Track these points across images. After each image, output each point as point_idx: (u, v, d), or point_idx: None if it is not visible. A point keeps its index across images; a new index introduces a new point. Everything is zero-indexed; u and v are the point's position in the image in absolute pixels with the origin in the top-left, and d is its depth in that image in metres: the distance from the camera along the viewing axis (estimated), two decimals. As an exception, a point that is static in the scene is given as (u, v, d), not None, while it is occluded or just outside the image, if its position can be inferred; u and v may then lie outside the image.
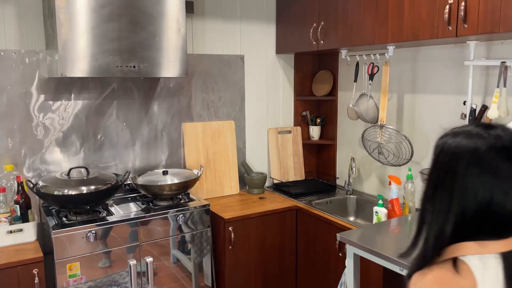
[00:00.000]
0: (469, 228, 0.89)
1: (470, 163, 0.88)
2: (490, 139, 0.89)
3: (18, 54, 2.38)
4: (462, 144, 0.90)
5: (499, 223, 0.88)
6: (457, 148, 0.91)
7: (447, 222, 0.90)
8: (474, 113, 2.23)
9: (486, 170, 0.87)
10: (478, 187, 0.87)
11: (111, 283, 2.26)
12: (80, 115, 2.58)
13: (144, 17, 2.31)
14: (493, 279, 0.86)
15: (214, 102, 3.01)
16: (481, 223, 0.88)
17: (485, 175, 0.87)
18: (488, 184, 0.87)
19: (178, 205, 2.50)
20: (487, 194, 0.87)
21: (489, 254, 0.88)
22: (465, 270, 0.86)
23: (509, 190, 0.85)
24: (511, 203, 0.86)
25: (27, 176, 2.46)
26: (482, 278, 0.85)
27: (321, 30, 2.74)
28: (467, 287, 0.85)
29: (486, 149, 0.88)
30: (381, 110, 2.61)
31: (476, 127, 0.94)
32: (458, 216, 0.89)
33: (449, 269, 0.87)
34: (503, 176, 0.86)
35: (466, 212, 0.88)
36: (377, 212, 2.37)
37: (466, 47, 2.32)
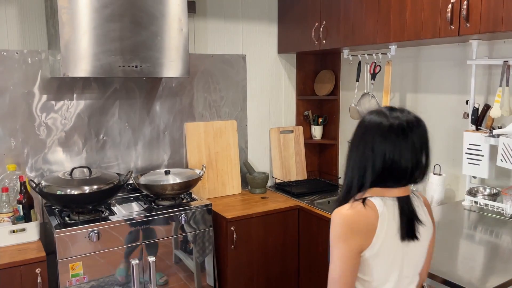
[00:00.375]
0: (376, 178, 1.22)
1: (376, 134, 1.22)
2: (391, 118, 1.23)
3: (21, 54, 2.38)
4: (372, 120, 1.25)
5: (397, 176, 1.22)
6: (369, 123, 1.25)
7: (361, 174, 1.24)
8: (476, 112, 2.23)
9: (387, 139, 1.21)
10: (383, 150, 1.21)
11: (113, 283, 2.27)
12: (83, 115, 2.58)
13: (146, 17, 2.31)
14: (390, 214, 1.22)
15: (216, 102, 3.01)
16: (385, 175, 1.22)
17: (386, 142, 1.21)
18: (389, 148, 1.20)
19: (180, 205, 2.50)
20: (389, 155, 1.20)
21: (389, 197, 1.24)
22: (371, 206, 1.21)
23: (402, 153, 1.20)
24: (404, 161, 1.20)
25: (30, 176, 2.46)
26: (382, 211, 1.20)
27: (323, 30, 2.74)
28: (371, 216, 1.20)
29: (387, 124, 1.22)
30: (383, 109, 2.60)
31: (385, 108, 1.27)
32: (369, 170, 1.23)
33: (360, 204, 1.22)
34: (398, 143, 1.20)
35: (375, 167, 1.22)
36: (379, 211, 2.36)
37: (468, 46, 2.31)
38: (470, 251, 1.72)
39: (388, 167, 1.21)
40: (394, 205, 1.23)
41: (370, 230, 1.19)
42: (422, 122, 1.28)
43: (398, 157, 1.20)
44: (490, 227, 1.94)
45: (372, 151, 1.22)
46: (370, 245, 1.19)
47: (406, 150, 1.21)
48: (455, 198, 2.48)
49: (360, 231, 1.19)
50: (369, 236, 1.19)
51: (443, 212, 2.19)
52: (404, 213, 1.23)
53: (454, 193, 2.48)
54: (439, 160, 2.53)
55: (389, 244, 1.21)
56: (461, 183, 2.44)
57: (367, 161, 1.23)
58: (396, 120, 1.23)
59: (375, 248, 1.20)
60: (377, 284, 1.24)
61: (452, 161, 2.47)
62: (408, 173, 1.22)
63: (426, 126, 1.28)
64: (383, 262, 1.22)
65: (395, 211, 1.23)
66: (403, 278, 1.26)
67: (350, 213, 1.21)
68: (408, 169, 1.21)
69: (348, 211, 1.21)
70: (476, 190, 2.24)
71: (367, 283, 1.24)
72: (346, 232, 1.19)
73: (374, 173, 1.22)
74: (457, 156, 2.43)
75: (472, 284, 1.41)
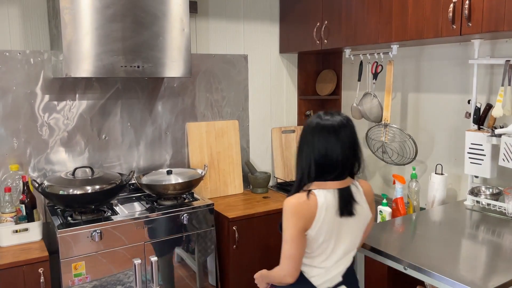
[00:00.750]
0: (317, 172, 1.49)
1: (312, 134, 1.50)
2: (323, 120, 1.51)
3: (23, 55, 2.39)
4: (311, 122, 1.53)
5: (330, 168, 1.49)
6: (308, 126, 1.53)
7: (307, 170, 1.51)
8: (478, 112, 2.23)
9: (320, 137, 1.48)
10: (317, 147, 1.48)
11: (116, 282, 2.27)
12: (85, 115, 2.59)
13: (148, 17, 2.31)
14: (329, 201, 1.48)
15: (218, 102, 3.01)
16: (322, 169, 1.49)
17: (320, 140, 1.48)
18: (322, 145, 1.48)
19: (182, 205, 2.50)
20: (322, 150, 1.48)
21: (329, 189, 1.50)
22: (312, 197, 1.48)
23: (332, 149, 1.47)
24: (335, 155, 1.47)
25: (33, 176, 2.47)
26: (321, 201, 1.47)
27: (324, 29, 2.74)
28: (312, 205, 1.47)
29: (320, 126, 1.50)
30: (385, 109, 2.61)
31: (321, 113, 1.55)
32: (311, 165, 1.49)
33: (304, 195, 1.49)
34: (328, 141, 1.47)
35: (315, 162, 1.49)
36: (381, 211, 2.37)
37: (470, 45, 2.31)
38: (473, 250, 1.72)
39: (323, 161, 1.48)
40: (335, 194, 1.50)
41: (310, 216, 1.47)
42: (351, 122, 1.54)
43: (330, 152, 1.48)
44: (492, 227, 1.94)
45: (311, 148, 1.50)
46: (311, 227, 1.48)
47: (336, 146, 1.48)
48: (457, 197, 2.47)
49: (303, 216, 1.47)
50: (310, 220, 1.47)
51: (445, 212, 2.19)
52: (343, 197, 1.51)
53: (456, 192, 2.48)
54: (441, 160, 2.53)
55: (327, 224, 1.49)
56: (463, 182, 2.43)
57: (309, 158, 1.50)
58: (327, 121, 1.50)
59: (315, 229, 1.48)
60: (316, 255, 1.53)
61: (454, 160, 2.47)
62: (339, 166, 1.49)
63: (354, 127, 1.54)
64: (321, 239, 1.50)
65: (335, 198, 1.50)
66: (340, 249, 1.54)
67: (295, 202, 1.48)
68: (339, 162, 1.48)
69: (294, 200, 1.49)
70: (478, 190, 2.23)
71: (308, 254, 1.53)
72: (292, 217, 1.47)
73: (315, 167, 1.49)
74: (459, 156, 2.43)
75: (474, 283, 1.41)
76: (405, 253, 1.66)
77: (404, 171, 2.72)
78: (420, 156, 2.60)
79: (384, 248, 1.72)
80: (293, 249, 1.49)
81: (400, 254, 1.65)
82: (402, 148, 2.61)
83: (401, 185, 2.40)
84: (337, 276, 1.57)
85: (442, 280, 1.47)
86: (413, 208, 2.44)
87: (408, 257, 1.62)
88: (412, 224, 2.05)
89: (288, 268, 1.51)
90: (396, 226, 2.02)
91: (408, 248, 1.74)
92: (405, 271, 1.62)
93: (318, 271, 1.55)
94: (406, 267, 1.60)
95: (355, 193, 1.55)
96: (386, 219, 2.33)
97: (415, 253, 1.68)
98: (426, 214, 2.17)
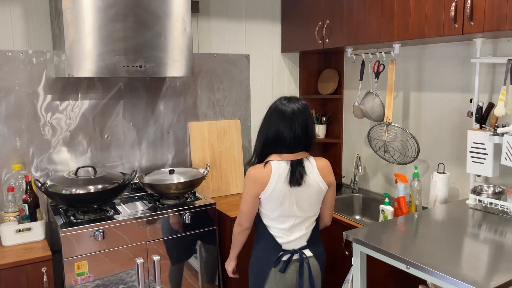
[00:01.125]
0: (272, 146, 1.86)
1: (271, 114, 1.87)
2: (281, 105, 1.85)
3: (26, 55, 2.40)
4: (272, 104, 1.89)
5: (282, 144, 1.84)
6: (270, 106, 1.90)
7: (263, 144, 1.88)
8: (480, 111, 2.23)
9: (276, 118, 1.84)
10: (271, 126, 1.85)
11: (118, 282, 2.28)
12: (87, 114, 2.59)
13: (150, 17, 2.32)
14: (282, 171, 1.83)
15: (219, 101, 3.02)
16: (276, 144, 1.85)
17: (275, 120, 1.84)
18: (276, 125, 1.84)
19: (185, 204, 2.51)
20: (275, 130, 1.84)
21: (282, 160, 1.84)
22: (268, 166, 1.84)
23: (283, 129, 1.83)
24: (286, 133, 1.83)
25: (35, 175, 2.48)
26: (274, 170, 1.82)
27: (326, 29, 2.74)
28: (266, 173, 1.82)
29: (279, 109, 1.85)
30: (387, 108, 2.61)
31: (283, 98, 1.88)
32: (267, 140, 1.87)
33: (262, 165, 1.85)
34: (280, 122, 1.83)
35: (269, 138, 1.86)
36: (383, 210, 2.37)
37: (472, 44, 2.31)
38: (475, 249, 1.72)
39: (274, 138, 1.85)
40: (287, 165, 1.83)
41: (264, 182, 1.83)
42: (306, 110, 1.86)
43: (281, 132, 1.83)
44: (494, 226, 1.94)
45: (267, 127, 1.86)
46: (263, 191, 1.84)
47: (287, 127, 1.83)
48: (459, 196, 2.47)
49: (257, 182, 1.84)
50: (263, 186, 1.83)
51: (447, 211, 2.19)
52: (293, 169, 1.83)
53: (458, 191, 2.48)
54: (443, 159, 2.52)
55: (277, 191, 1.84)
56: (465, 181, 2.43)
57: (264, 134, 1.87)
58: (283, 106, 1.85)
59: (267, 193, 1.84)
60: (268, 213, 1.90)
61: (456, 159, 2.47)
62: (291, 143, 1.84)
63: (309, 113, 1.88)
64: (272, 201, 1.86)
65: (287, 169, 1.83)
66: (297, 214, 1.89)
67: (253, 171, 1.85)
68: (291, 139, 1.83)
69: (252, 170, 1.86)
70: (480, 189, 2.23)
71: (263, 213, 1.92)
72: (250, 182, 1.85)
73: (268, 142, 1.86)
74: (461, 155, 2.43)
75: (476, 282, 1.41)
76: (407, 252, 1.67)
77: (406, 170, 2.72)
78: (422, 155, 2.60)
79: (386, 247, 1.72)
80: (246, 207, 1.89)
81: (402, 253, 1.65)
82: (404, 147, 2.61)
83: (403, 184, 2.40)
84: (301, 240, 1.93)
85: (444, 279, 1.47)
86: (415, 207, 2.44)
87: (410, 256, 1.62)
88: (414, 223, 2.05)
89: (240, 219, 1.93)
90: (398, 225, 2.02)
91: (410, 247, 1.74)
92: (407, 270, 1.62)
93: (280, 232, 1.91)
94: (408, 266, 1.61)
95: (307, 166, 1.87)
96: (388, 218, 2.33)
97: (417, 252, 1.68)
98: (428, 213, 2.17)
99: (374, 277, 2.22)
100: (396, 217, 2.29)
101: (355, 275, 1.91)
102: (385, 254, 1.70)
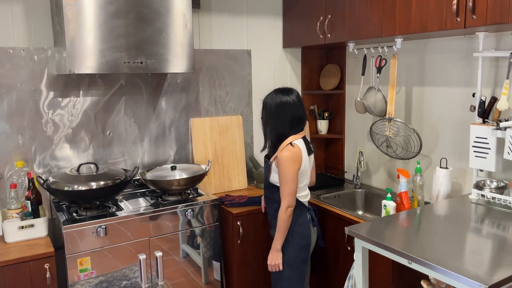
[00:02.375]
0: (288, 129, 2.17)
1: (281, 106, 2.17)
2: (285, 97, 2.18)
3: (27, 52, 2.40)
4: (273, 99, 2.20)
5: (300, 123, 2.20)
6: (270, 102, 2.20)
7: (281, 131, 2.18)
8: (483, 105, 2.21)
9: (290, 107, 2.17)
10: (293, 112, 2.18)
11: (121, 278, 2.29)
12: (89, 111, 2.60)
13: (151, 13, 2.31)
14: (302, 146, 2.17)
15: (221, 97, 3.01)
16: (295, 126, 2.18)
17: (292, 108, 2.18)
18: (296, 110, 2.19)
19: (187, 200, 2.51)
20: (296, 114, 2.18)
21: (299, 139, 2.19)
22: (296, 145, 2.15)
23: (300, 111, 2.21)
24: (303, 115, 2.22)
25: (38, 172, 2.49)
26: (301, 146, 2.16)
27: (328, 24, 2.73)
28: (298, 151, 2.14)
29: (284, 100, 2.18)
30: (389, 103, 2.59)
31: (280, 93, 2.22)
32: (285, 127, 2.17)
33: (290, 146, 2.13)
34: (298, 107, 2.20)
35: (290, 122, 2.17)
36: (386, 205, 2.36)
37: (475, 38, 2.29)
38: (477, 244, 1.71)
39: (292, 121, 2.17)
40: (303, 140, 2.20)
41: (300, 159, 2.14)
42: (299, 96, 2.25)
43: (300, 115, 2.19)
44: (497, 220, 1.93)
45: (284, 115, 2.17)
46: (301, 167, 2.15)
47: (301, 111, 2.21)
48: (462, 191, 2.46)
49: (296, 161, 2.12)
50: (300, 162, 2.14)
51: (450, 206, 2.18)
52: (306, 141, 2.23)
53: (461, 186, 2.47)
54: (445, 154, 2.51)
55: (306, 162, 2.18)
56: (468, 176, 2.42)
57: (284, 121, 2.16)
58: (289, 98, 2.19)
59: (303, 167, 2.16)
60: (302, 185, 2.21)
61: (459, 154, 2.46)
62: (303, 123, 2.22)
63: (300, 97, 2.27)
64: (305, 173, 2.20)
65: (303, 143, 2.19)
66: (308, 179, 2.28)
67: (289, 153, 2.11)
68: (304, 120, 2.22)
69: (287, 152, 2.12)
70: (483, 183, 2.22)
71: (298, 188, 2.18)
72: (291, 163, 2.11)
73: (285, 128, 2.17)
74: (463, 149, 2.42)
75: (479, 277, 1.41)
76: (410, 247, 1.66)
77: (408, 165, 2.71)
78: (424, 150, 2.59)
79: (389, 242, 1.72)
80: (294, 186, 2.12)
81: (404, 248, 1.65)
82: (407, 142, 2.60)
83: (406, 179, 2.39)
84: (307, 202, 2.27)
85: (446, 274, 1.47)
86: (417, 202, 2.43)
87: (413, 251, 1.62)
88: (417, 218, 2.04)
89: (290, 201, 2.12)
90: (400, 220, 2.01)
91: (413, 242, 1.74)
92: (409, 265, 1.62)
93: (305, 197, 2.26)
94: (411, 261, 1.60)
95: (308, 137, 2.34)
96: (391, 213, 2.33)
97: (420, 247, 1.68)
98: (430, 208, 2.16)
99: (376, 272, 2.22)
100: (398, 212, 2.28)
101: (357, 270, 1.91)
102: (387, 249, 1.70)
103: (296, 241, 2.20)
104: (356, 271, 1.92)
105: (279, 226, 2.14)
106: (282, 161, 2.11)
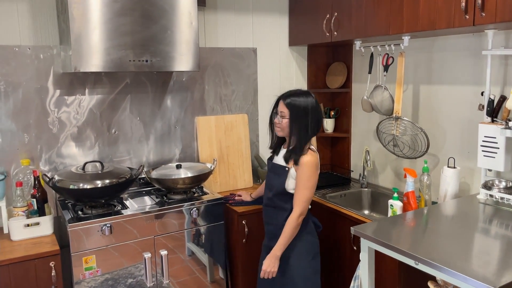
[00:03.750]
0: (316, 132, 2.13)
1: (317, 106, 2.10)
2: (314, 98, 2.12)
3: (33, 50, 2.40)
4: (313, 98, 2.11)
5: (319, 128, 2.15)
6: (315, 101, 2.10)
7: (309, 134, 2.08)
8: (492, 104, 2.18)
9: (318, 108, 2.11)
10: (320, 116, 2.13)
11: (126, 276, 2.29)
12: (95, 109, 2.60)
13: (156, 11, 2.30)
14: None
15: (227, 96, 3.00)
16: (318, 129, 2.14)
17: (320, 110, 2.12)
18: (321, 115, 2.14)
19: (192, 199, 2.51)
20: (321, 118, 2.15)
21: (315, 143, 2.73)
22: (314, 150, 2.11)
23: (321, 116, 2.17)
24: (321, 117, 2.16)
25: (43, 170, 2.49)
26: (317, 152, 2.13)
27: (334, 21, 2.71)
28: (317, 157, 2.09)
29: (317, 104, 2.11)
30: (396, 101, 2.57)
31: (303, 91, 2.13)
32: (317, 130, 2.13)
33: (311, 152, 2.08)
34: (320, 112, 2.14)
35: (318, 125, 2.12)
36: (392, 205, 2.34)
37: (484, 36, 2.26)
38: (485, 245, 1.69)
39: (319, 126, 2.13)
40: None
41: (319, 165, 2.10)
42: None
43: (322, 119, 2.37)
44: (505, 221, 1.91)
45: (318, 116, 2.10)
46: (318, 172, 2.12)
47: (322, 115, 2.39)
48: (470, 191, 2.44)
49: (318, 167, 2.09)
50: (319, 168, 2.10)
51: (458, 206, 2.16)
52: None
53: (469, 186, 2.44)
54: (453, 153, 2.49)
55: None
56: (476, 176, 2.40)
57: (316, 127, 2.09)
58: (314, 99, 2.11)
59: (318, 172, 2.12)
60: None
61: (467, 153, 2.43)
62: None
63: None
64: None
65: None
66: None
67: (313, 159, 2.05)
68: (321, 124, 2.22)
69: (311, 158, 2.05)
70: (491, 183, 2.20)
71: None
72: (315, 169, 2.05)
73: (315, 132, 2.12)
74: (472, 149, 2.39)
75: (487, 278, 1.39)
76: (417, 248, 1.64)
77: (415, 165, 2.69)
78: (432, 149, 2.56)
79: (395, 242, 1.70)
80: (312, 193, 2.07)
81: (411, 249, 1.63)
82: (414, 141, 2.58)
83: (413, 178, 2.37)
84: None
85: (454, 275, 1.45)
86: (424, 202, 2.41)
87: (420, 252, 1.60)
88: (424, 218, 2.02)
89: (305, 208, 2.05)
90: (407, 220, 1.99)
91: (420, 243, 1.72)
92: (416, 266, 1.60)
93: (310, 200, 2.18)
94: (417, 262, 1.58)
95: None
96: (397, 213, 2.31)
97: (427, 247, 1.66)
98: (438, 208, 2.14)
99: (383, 273, 2.20)
100: (405, 212, 2.26)
101: (363, 270, 1.89)
102: (393, 250, 1.68)
103: (308, 251, 2.13)
104: (362, 271, 1.90)
105: (287, 233, 2.03)
106: (308, 166, 2.02)
